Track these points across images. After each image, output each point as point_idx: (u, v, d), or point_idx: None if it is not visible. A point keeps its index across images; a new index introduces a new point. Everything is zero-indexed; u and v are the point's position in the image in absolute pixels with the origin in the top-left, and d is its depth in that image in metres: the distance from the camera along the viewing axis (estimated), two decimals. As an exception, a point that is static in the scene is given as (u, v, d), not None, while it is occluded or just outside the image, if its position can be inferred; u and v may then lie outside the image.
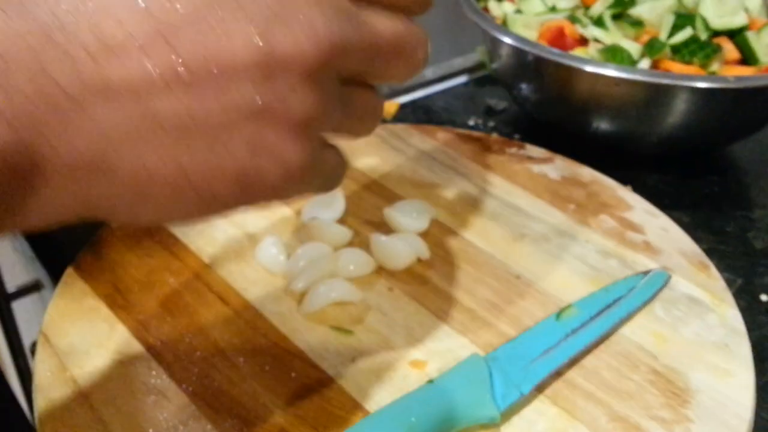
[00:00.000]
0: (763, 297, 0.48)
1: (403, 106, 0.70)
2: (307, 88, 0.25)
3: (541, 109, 0.62)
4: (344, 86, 0.28)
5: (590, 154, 0.58)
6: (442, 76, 0.76)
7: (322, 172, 0.29)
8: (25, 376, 0.93)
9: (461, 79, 0.76)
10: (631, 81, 0.52)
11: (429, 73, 0.75)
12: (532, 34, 0.62)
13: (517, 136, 0.65)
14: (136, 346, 0.40)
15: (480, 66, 0.77)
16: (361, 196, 0.52)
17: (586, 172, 0.54)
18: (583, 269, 0.45)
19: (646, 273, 0.44)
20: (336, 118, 0.28)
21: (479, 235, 0.48)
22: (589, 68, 0.53)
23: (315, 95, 0.25)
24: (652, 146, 0.58)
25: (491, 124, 0.68)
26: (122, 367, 0.39)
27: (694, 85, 0.51)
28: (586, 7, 0.66)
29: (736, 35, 0.60)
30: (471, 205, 0.51)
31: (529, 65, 0.58)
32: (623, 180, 0.55)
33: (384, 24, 0.28)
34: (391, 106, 0.69)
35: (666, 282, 0.44)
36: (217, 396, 0.37)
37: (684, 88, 0.51)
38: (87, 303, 0.43)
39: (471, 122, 0.68)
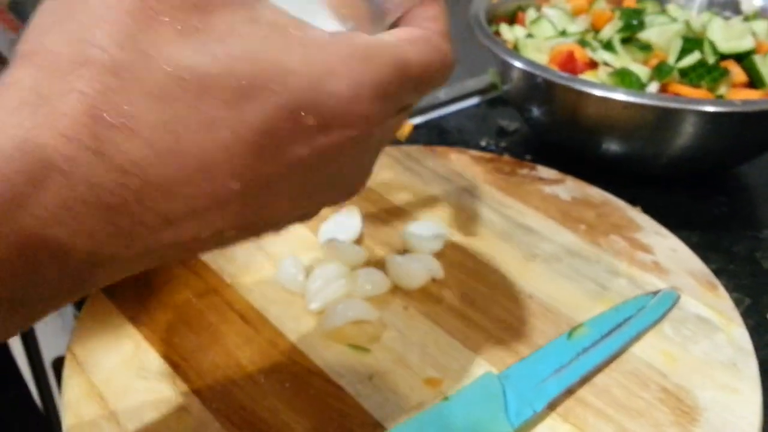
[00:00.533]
0: (772, 317, 0.49)
1: (416, 127, 0.72)
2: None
3: (551, 130, 0.63)
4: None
5: (600, 174, 0.59)
6: (454, 97, 0.77)
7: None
8: (44, 389, 0.94)
9: (473, 101, 0.77)
10: (639, 105, 0.53)
11: (442, 94, 0.77)
12: (542, 58, 0.64)
13: (528, 156, 0.67)
14: (161, 363, 0.41)
15: (492, 87, 0.78)
16: (376, 217, 0.53)
17: (597, 193, 0.56)
18: (594, 289, 0.47)
19: (655, 293, 0.45)
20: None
21: (492, 255, 0.49)
22: (598, 92, 0.54)
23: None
24: (662, 167, 0.59)
25: (503, 144, 0.69)
26: (147, 384, 0.40)
27: (702, 109, 0.52)
28: (596, 31, 0.68)
29: (743, 59, 0.61)
30: (484, 225, 0.52)
31: (539, 88, 0.59)
32: (633, 200, 0.56)
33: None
34: (405, 127, 0.71)
35: (675, 302, 0.45)
36: (239, 412, 0.38)
37: (692, 111, 0.52)
38: (112, 321, 0.44)
39: (483, 143, 0.69)
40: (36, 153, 0.20)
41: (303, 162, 0.24)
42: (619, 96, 0.53)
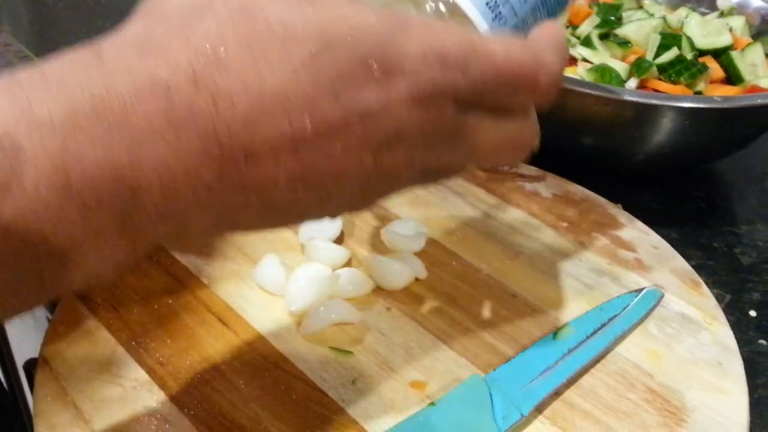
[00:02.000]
0: (752, 312, 0.49)
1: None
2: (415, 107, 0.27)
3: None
4: (464, 115, 0.28)
5: (580, 171, 0.58)
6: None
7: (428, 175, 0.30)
8: (16, 392, 0.92)
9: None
10: (618, 101, 0.53)
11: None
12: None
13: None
14: (137, 369, 0.40)
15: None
16: (356, 215, 0.52)
17: (577, 190, 0.55)
18: (578, 287, 0.46)
19: (639, 291, 0.45)
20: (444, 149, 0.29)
21: (475, 254, 0.49)
22: (577, 88, 0.53)
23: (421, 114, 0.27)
24: (641, 163, 0.59)
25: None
26: (123, 391, 0.39)
27: (681, 105, 0.52)
28: (575, 27, 0.68)
29: (720, 55, 0.62)
30: (466, 223, 0.52)
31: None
32: (613, 197, 0.56)
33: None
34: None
35: (659, 300, 0.45)
36: (219, 420, 0.37)
37: (671, 107, 0.52)
38: (86, 325, 0.43)
39: (461, 139, 0.69)
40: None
41: (369, 112, 0.25)
42: (599, 92, 0.53)
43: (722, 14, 0.70)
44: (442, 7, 0.32)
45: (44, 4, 1.01)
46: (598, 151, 0.58)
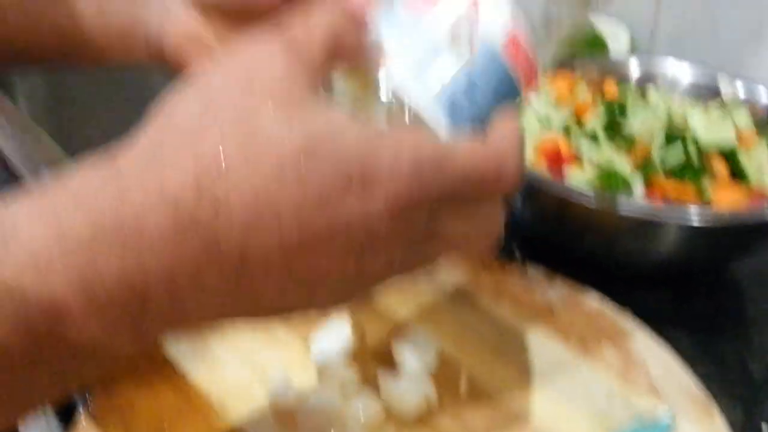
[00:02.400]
0: (765, 427, 0.49)
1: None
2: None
3: (537, 227, 0.64)
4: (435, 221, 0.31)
5: (589, 269, 0.59)
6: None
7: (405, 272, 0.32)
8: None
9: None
10: (623, 216, 0.53)
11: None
12: (528, 152, 0.64)
13: (516, 247, 0.66)
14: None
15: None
16: (366, 325, 0.52)
17: (587, 296, 0.55)
18: (590, 410, 0.46)
19: (651, 418, 0.45)
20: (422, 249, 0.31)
21: (485, 371, 0.49)
22: (578, 200, 0.54)
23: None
24: (649, 269, 0.59)
25: (490, 232, 0.69)
26: None
27: (686, 222, 0.52)
28: (579, 123, 0.68)
29: (725, 152, 0.62)
30: (475, 336, 0.52)
31: (523, 187, 0.60)
32: (622, 298, 0.56)
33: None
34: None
35: (671, 428, 0.45)
36: None
37: (675, 223, 0.53)
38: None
39: (469, 230, 0.69)
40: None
41: (350, 222, 0.28)
42: (603, 205, 0.53)
43: (726, 105, 0.70)
44: (403, 103, 0.33)
45: (62, 82, 1.03)
46: (604, 256, 0.59)
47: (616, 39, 0.91)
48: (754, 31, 0.81)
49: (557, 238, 0.62)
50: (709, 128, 0.63)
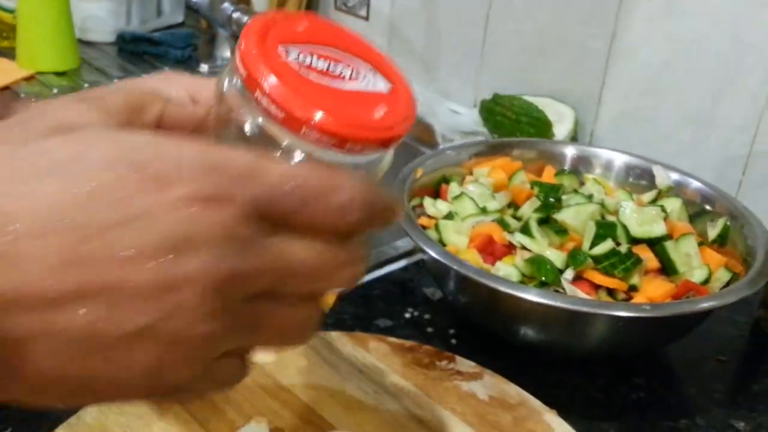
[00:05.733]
0: None
1: (341, 295, 0.71)
2: (199, 314, 0.26)
3: (468, 312, 0.64)
4: (254, 304, 0.28)
5: (522, 353, 0.59)
6: (383, 260, 0.77)
7: (212, 381, 0.29)
8: None
9: (400, 264, 0.78)
10: (549, 306, 0.54)
11: (370, 257, 0.77)
12: (463, 240, 0.64)
13: (452, 330, 0.67)
14: None
15: (420, 249, 0.79)
16: (291, 425, 0.52)
17: (514, 392, 0.55)
18: None
19: None
20: (239, 337, 0.28)
21: (406, 471, 0.48)
22: (508, 290, 0.55)
23: (207, 322, 0.26)
24: (579, 355, 0.60)
25: (427, 316, 0.69)
26: None
27: (612, 314, 0.53)
28: (515, 207, 0.69)
29: (656, 244, 0.63)
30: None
31: (453, 276, 0.60)
32: (553, 384, 0.56)
33: (296, 249, 0.28)
34: (329, 297, 0.70)
35: None
36: None
37: (600, 315, 0.53)
38: None
39: (408, 314, 0.69)
40: None
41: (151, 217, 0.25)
42: (530, 296, 0.54)
43: (660, 193, 0.72)
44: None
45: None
46: (534, 342, 0.59)
47: (561, 120, 0.93)
48: (693, 117, 0.84)
49: (489, 325, 0.63)
50: (640, 221, 0.65)
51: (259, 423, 0.50)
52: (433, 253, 0.59)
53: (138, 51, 1.23)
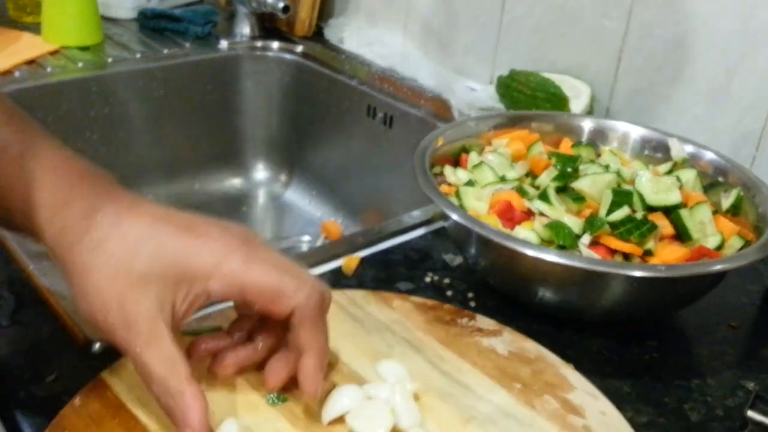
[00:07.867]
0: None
1: (363, 261, 0.73)
2: None
3: (488, 276, 0.66)
4: None
5: (539, 315, 0.62)
6: (402, 228, 0.79)
7: None
8: None
9: (420, 231, 0.80)
10: (568, 267, 0.56)
11: (389, 226, 0.79)
12: (482, 206, 0.67)
13: (471, 294, 0.69)
14: None
15: (438, 217, 0.81)
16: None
17: (532, 348, 0.58)
18: (527, 457, 0.48)
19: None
20: None
21: (432, 418, 0.51)
22: (528, 252, 0.57)
23: None
24: (595, 317, 0.62)
25: (447, 281, 0.71)
26: None
27: (626, 274, 0.55)
28: (534, 176, 0.71)
29: (671, 211, 0.65)
30: (424, 382, 0.54)
31: (475, 239, 0.62)
32: (568, 344, 0.58)
33: None
34: (352, 261, 0.72)
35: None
36: None
37: (617, 275, 0.55)
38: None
39: (428, 279, 0.71)
40: None
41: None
42: (550, 257, 0.56)
43: (675, 164, 0.74)
44: None
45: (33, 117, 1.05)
46: (552, 303, 0.61)
47: (578, 96, 0.95)
48: (707, 93, 0.85)
49: (508, 287, 0.65)
50: (656, 190, 0.66)
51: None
52: (456, 217, 0.61)
53: (159, 27, 1.25)
